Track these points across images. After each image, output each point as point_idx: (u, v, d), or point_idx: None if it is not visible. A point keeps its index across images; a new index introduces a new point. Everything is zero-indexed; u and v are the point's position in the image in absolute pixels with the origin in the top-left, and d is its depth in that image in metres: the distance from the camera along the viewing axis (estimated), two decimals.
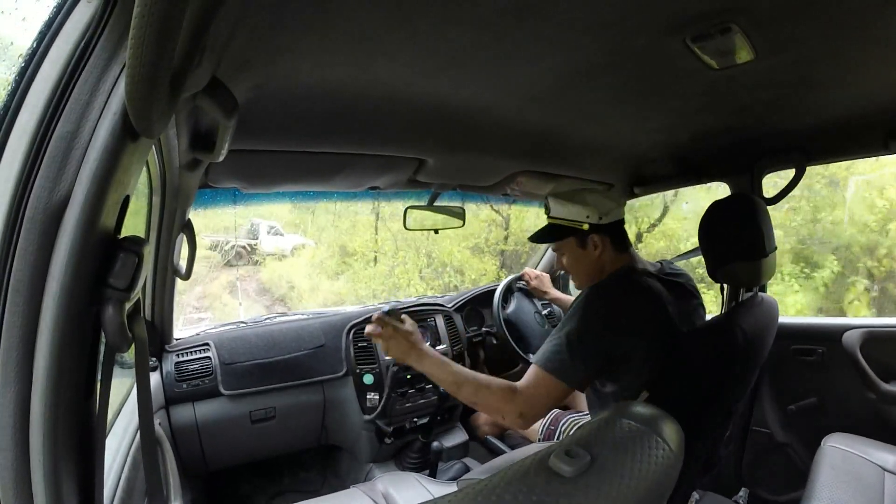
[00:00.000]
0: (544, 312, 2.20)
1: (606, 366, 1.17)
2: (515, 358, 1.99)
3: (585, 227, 1.27)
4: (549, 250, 2.43)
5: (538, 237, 1.38)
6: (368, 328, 1.24)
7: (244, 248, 7.87)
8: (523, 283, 2.14)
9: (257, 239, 8.04)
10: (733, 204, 1.29)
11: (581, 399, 1.88)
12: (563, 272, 2.47)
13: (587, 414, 1.63)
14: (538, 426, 1.67)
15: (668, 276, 1.31)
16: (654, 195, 4.43)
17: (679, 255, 1.82)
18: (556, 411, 1.69)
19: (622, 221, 1.31)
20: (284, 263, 7.76)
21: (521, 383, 1.16)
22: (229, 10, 0.55)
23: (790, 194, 1.56)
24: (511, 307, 2.16)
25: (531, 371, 1.16)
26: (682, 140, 1.47)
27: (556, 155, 1.58)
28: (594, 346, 1.14)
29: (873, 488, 1.30)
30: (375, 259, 7.29)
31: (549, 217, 1.33)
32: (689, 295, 1.32)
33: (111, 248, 0.51)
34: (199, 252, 1.40)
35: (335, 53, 0.80)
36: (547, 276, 2.09)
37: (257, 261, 7.82)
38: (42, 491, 0.47)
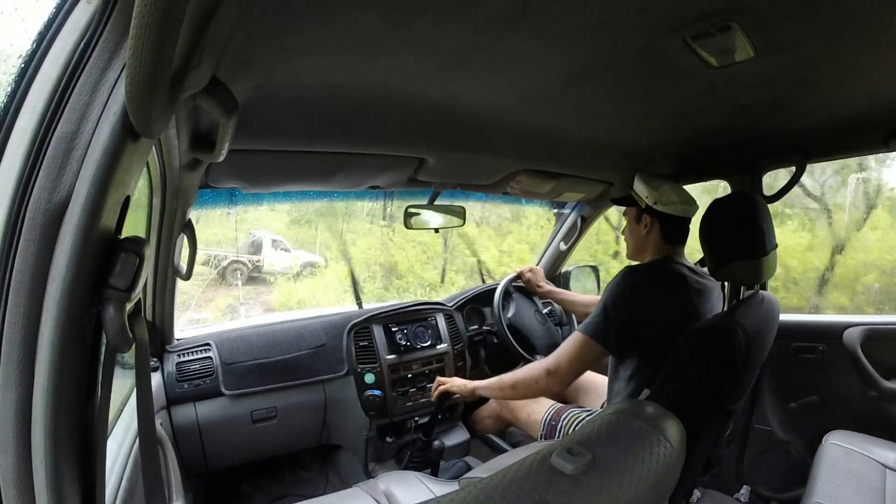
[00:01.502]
0: (545, 311, 2.20)
1: (634, 334, 1.31)
2: (516, 357, 1.99)
3: (643, 204, 1.44)
4: (550, 250, 2.43)
5: (617, 201, 1.61)
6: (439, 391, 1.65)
7: (244, 264, 6.90)
8: (519, 282, 2.15)
9: (259, 255, 7.05)
10: (733, 202, 1.29)
11: (583, 395, 1.88)
12: (564, 270, 2.48)
13: (587, 409, 1.64)
14: (539, 419, 1.67)
15: (702, 273, 1.44)
16: None
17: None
18: (557, 406, 1.69)
19: (681, 220, 1.43)
20: (302, 284, 6.70)
21: (559, 347, 1.39)
22: (229, 10, 0.55)
23: None
24: (511, 306, 2.16)
25: (572, 335, 1.38)
26: (682, 139, 1.47)
27: (557, 154, 1.58)
28: (625, 313, 1.30)
29: (874, 485, 1.30)
30: (442, 278, 6.16)
31: (632, 189, 1.52)
32: (714, 295, 1.43)
33: (112, 248, 0.51)
34: (196, 268, 1.41)
35: (335, 53, 0.80)
36: (540, 270, 2.13)
37: (265, 279, 6.86)
38: (44, 491, 0.47)
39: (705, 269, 1.46)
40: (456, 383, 1.63)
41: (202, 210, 1.65)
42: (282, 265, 6.98)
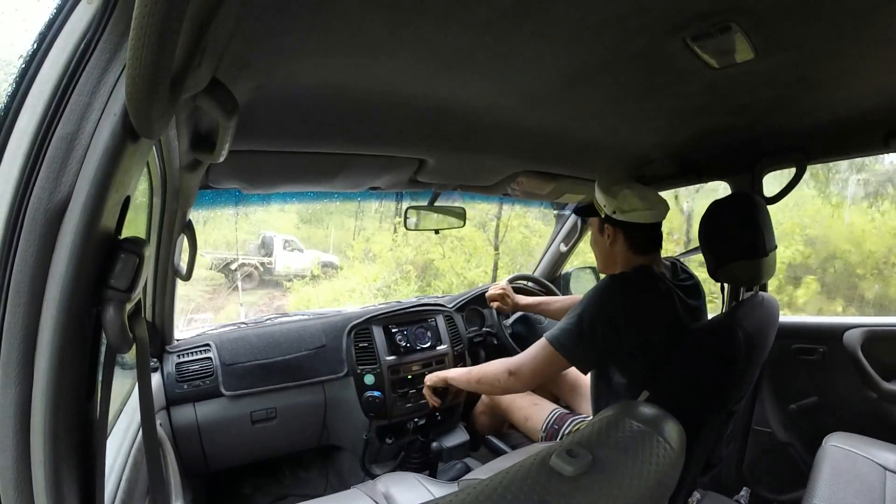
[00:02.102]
0: None
1: (612, 355, 1.24)
2: None
3: (603, 214, 1.34)
4: (550, 252, 2.43)
5: (578, 210, 1.51)
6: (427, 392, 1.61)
7: (255, 267, 6.36)
8: (519, 283, 2.14)
9: (271, 256, 6.52)
10: (733, 203, 1.29)
11: (582, 403, 1.88)
12: (564, 272, 2.48)
13: (589, 417, 1.63)
14: (540, 423, 1.67)
15: (680, 280, 1.36)
16: None
17: (682, 253, 1.83)
18: (560, 411, 1.68)
19: (648, 226, 1.31)
20: (321, 289, 5.95)
21: (527, 350, 1.33)
22: (229, 11, 0.55)
23: None
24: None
25: (540, 341, 1.30)
26: (682, 139, 1.47)
27: (557, 155, 1.58)
28: (602, 333, 1.20)
29: (874, 487, 1.30)
30: (494, 277, 5.35)
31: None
32: (695, 294, 1.36)
33: (112, 248, 0.51)
34: (198, 273, 1.41)
35: (335, 54, 0.80)
36: (508, 287, 1.93)
37: (278, 282, 6.27)
38: (43, 492, 0.47)
39: (682, 264, 1.43)
40: (430, 377, 1.58)
41: (207, 211, 1.64)
42: (296, 266, 6.46)
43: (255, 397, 1.68)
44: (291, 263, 6.51)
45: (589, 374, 1.38)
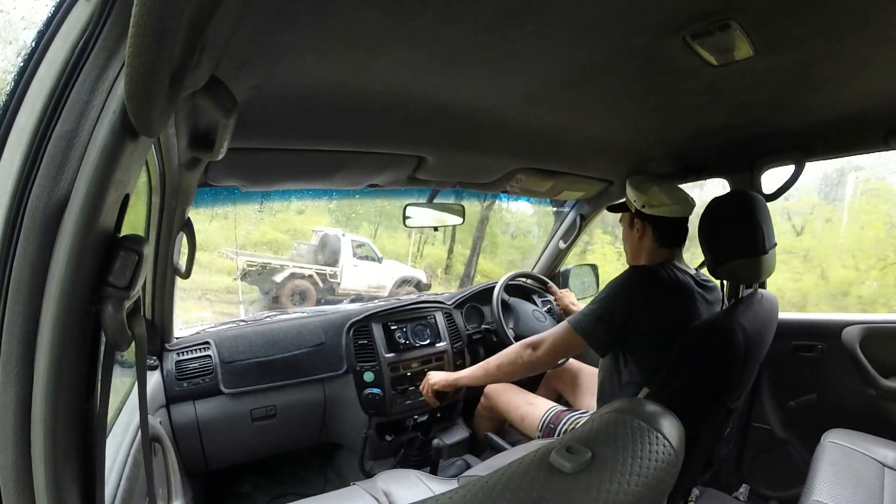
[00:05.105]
0: (543, 309, 2.20)
1: (628, 341, 1.30)
2: None
3: (633, 209, 1.43)
4: (549, 249, 2.43)
5: (612, 207, 1.62)
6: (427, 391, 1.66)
7: (311, 278, 4.45)
8: (517, 281, 2.18)
9: (336, 265, 4.56)
10: (732, 201, 1.29)
11: (582, 398, 1.88)
12: (563, 269, 2.48)
13: (586, 412, 1.64)
14: (536, 421, 1.67)
15: (702, 280, 1.42)
16: None
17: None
18: (556, 409, 1.69)
19: (675, 221, 1.40)
20: None
21: (548, 330, 1.44)
22: (228, 10, 0.55)
23: None
24: (510, 304, 2.16)
25: (561, 324, 1.40)
26: (681, 137, 1.47)
27: (556, 152, 1.58)
28: (621, 319, 1.28)
29: (873, 484, 1.30)
30: None
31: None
32: (715, 292, 1.44)
33: (111, 246, 0.50)
34: (219, 281, 1.38)
35: (335, 53, 0.80)
36: (567, 292, 2.20)
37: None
38: (43, 490, 0.47)
39: (706, 276, 1.46)
40: (438, 378, 1.62)
41: (236, 206, 1.61)
42: (368, 283, 4.54)
43: (255, 395, 1.68)
44: (364, 278, 4.69)
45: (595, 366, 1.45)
